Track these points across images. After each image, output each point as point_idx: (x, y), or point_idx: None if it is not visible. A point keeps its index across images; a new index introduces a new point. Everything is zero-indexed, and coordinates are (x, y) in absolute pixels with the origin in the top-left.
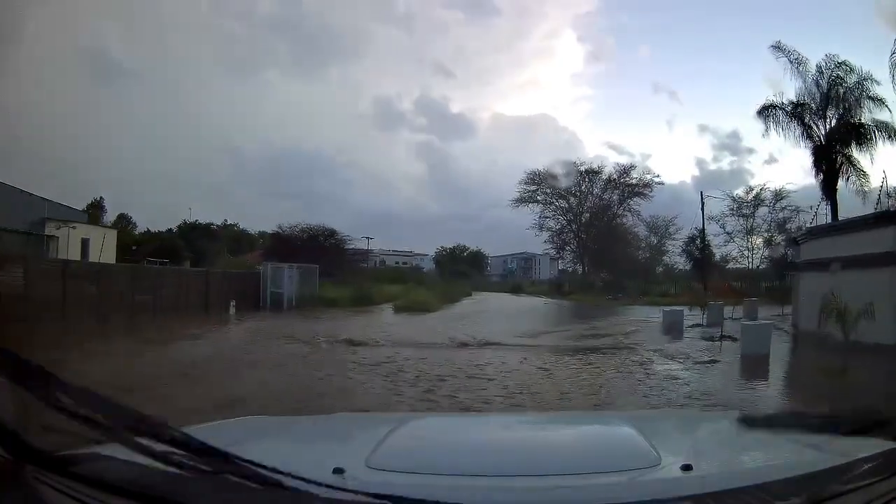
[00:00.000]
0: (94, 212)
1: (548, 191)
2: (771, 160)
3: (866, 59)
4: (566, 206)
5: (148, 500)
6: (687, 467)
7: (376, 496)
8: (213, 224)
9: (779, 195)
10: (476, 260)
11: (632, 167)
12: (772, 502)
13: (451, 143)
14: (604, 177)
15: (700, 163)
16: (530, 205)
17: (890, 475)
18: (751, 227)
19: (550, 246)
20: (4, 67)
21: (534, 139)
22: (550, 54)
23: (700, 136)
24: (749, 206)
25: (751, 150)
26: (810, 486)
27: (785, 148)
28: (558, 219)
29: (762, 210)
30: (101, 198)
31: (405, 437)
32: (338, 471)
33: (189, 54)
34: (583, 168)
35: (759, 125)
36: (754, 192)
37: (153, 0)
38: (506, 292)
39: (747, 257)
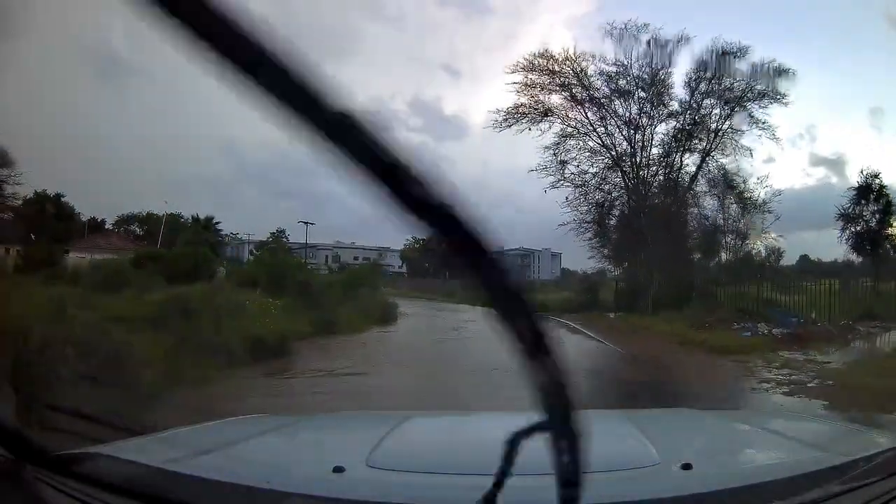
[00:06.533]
0: None
1: (570, 94)
2: (769, 160)
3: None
4: (607, 126)
5: (148, 500)
6: (687, 466)
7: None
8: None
9: None
10: None
11: (745, 49)
12: (772, 502)
13: (446, 143)
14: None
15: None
16: (536, 125)
17: (890, 475)
18: None
19: (581, 220)
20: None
21: (532, 140)
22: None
23: None
24: None
25: (748, 149)
26: (810, 486)
27: (785, 145)
28: (594, 157)
29: None
30: None
31: (405, 436)
32: (338, 469)
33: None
34: (650, 39)
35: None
36: None
37: None
38: (485, 305)
39: None
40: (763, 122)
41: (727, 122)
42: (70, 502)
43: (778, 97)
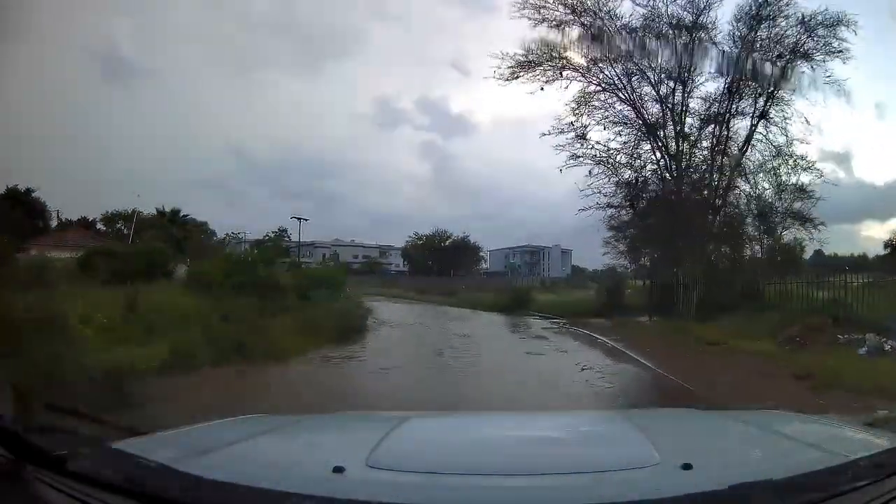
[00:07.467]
0: None
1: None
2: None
3: None
4: (634, 89)
5: (147, 500)
6: (687, 466)
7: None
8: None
9: None
10: (462, 251)
11: None
12: (772, 502)
13: (455, 142)
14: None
15: None
16: (550, 83)
17: (890, 475)
18: None
19: (606, 203)
20: (9, 64)
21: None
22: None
23: None
24: None
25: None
26: (810, 486)
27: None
28: (622, 127)
29: None
30: None
31: (405, 436)
32: (338, 470)
33: (193, 55)
34: None
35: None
36: None
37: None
38: (491, 309)
39: None
40: (829, 77)
41: (782, 82)
42: (70, 502)
43: (837, 51)
